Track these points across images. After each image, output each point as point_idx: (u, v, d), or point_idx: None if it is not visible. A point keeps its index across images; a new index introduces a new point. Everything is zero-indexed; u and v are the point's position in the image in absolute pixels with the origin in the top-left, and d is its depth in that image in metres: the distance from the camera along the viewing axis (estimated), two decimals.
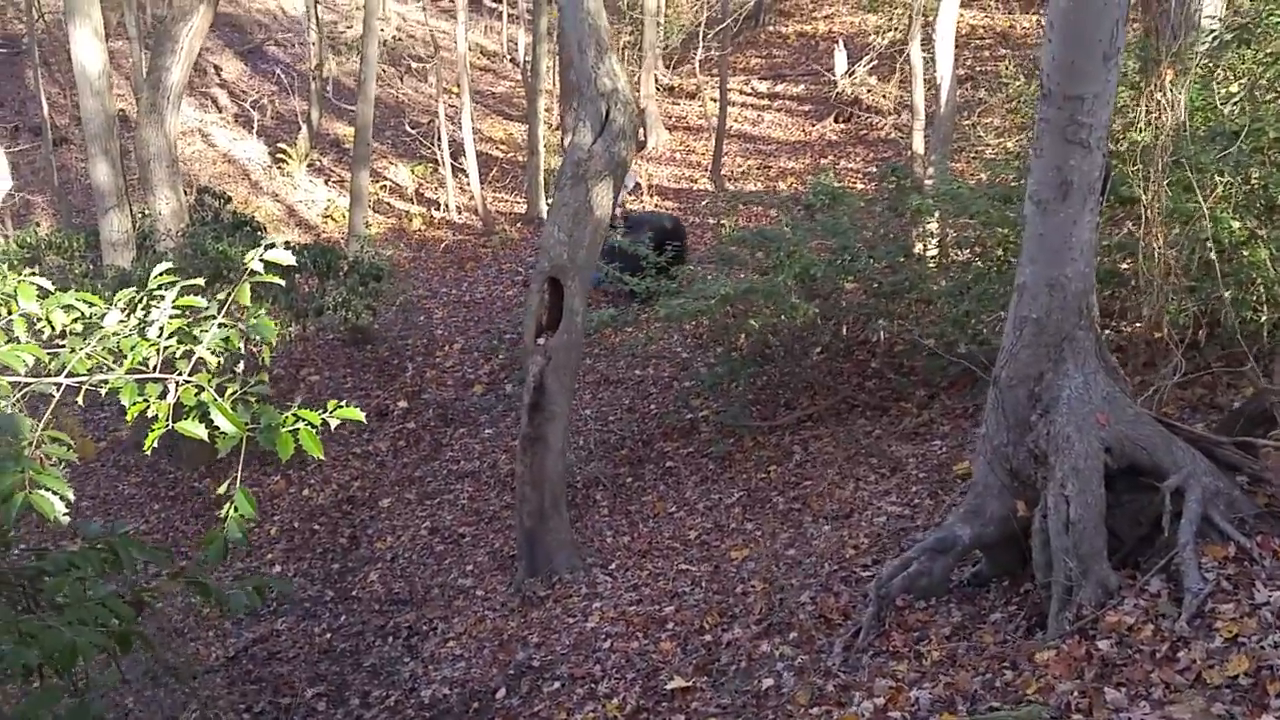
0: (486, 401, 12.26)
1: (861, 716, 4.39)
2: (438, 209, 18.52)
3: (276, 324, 11.68)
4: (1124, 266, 7.31)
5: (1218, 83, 7.09)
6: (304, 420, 2.81)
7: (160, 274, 3.02)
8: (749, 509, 8.35)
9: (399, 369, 13.27)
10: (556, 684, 6.35)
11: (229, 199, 12.47)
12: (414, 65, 23.07)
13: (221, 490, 2.83)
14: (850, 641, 5.24)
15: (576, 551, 8.31)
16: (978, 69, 16.94)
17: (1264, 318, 6.81)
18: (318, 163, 20.12)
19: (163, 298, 2.89)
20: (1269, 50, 7.00)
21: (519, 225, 17.34)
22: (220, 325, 2.87)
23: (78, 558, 3.22)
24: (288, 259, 2.87)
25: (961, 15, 16.55)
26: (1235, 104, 6.98)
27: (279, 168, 19.63)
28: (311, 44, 20.58)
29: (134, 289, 3.07)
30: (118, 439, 12.38)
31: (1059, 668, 4.24)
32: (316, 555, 10.23)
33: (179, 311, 2.92)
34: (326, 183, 19.63)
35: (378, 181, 18.80)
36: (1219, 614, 4.18)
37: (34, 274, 3.12)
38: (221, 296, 2.93)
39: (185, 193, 12.40)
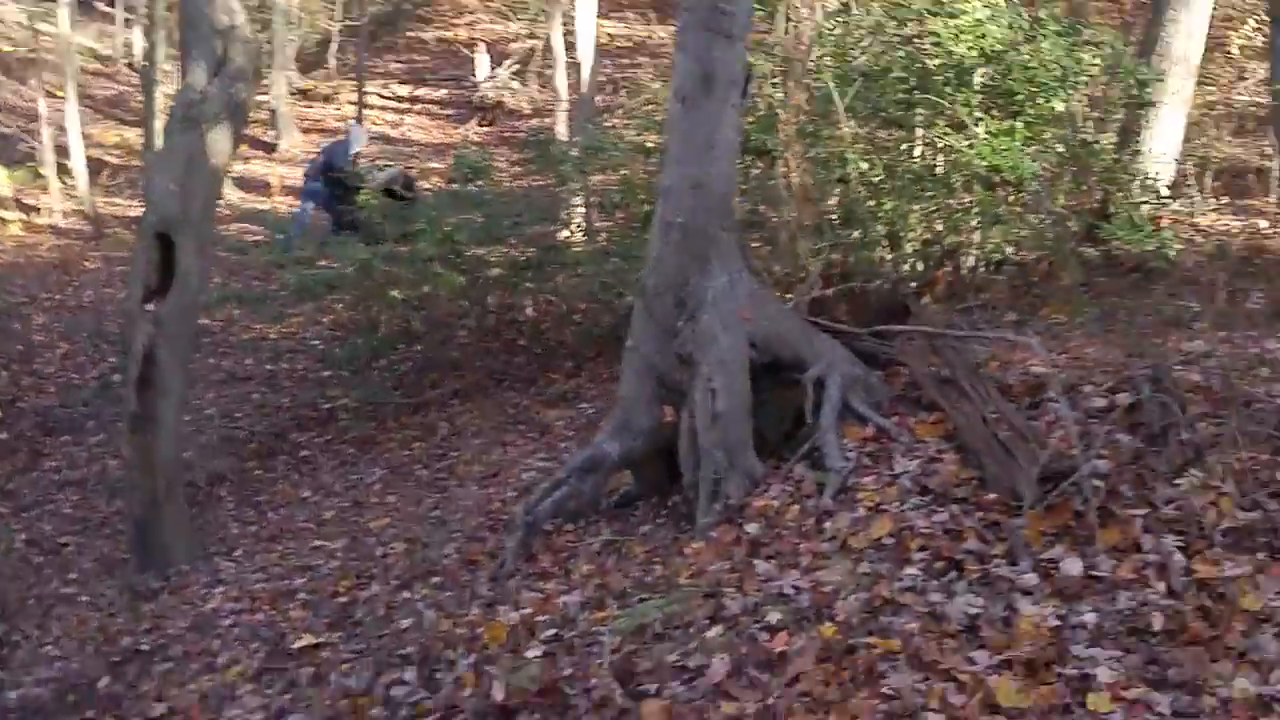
0: (95, 408, 10.96)
1: (507, 625, 4.00)
2: (40, 215, 16.72)
3: None
4: (763, 209, 7.40)
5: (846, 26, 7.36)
6: None
7: None
8: (391, 484, 7.83)
9: None
10: (169, 664, 5.56)
11: None
12: (13, 66, 20.88)
13: None
14: (496, 572, 4.85)
15: (197, 541, 7.46)
16: (618, 75, 17.24)
17: (890, 255, 7.11)
18: None
19: None
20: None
21: (134, 228, 15.90)
22: None
23: None
24: None
25: (600, 25, 16.80)
26: (862, 49, 7.26)
27: None
28: None
29: None
30: None
31: (709, 554, 4.05)
32: None
33: None
34: None
35: None
36: (861, 487, 4.13)
37: None
38: None
39: None
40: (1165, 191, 7.81)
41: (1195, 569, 3.30)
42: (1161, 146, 7.97)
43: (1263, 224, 8.00)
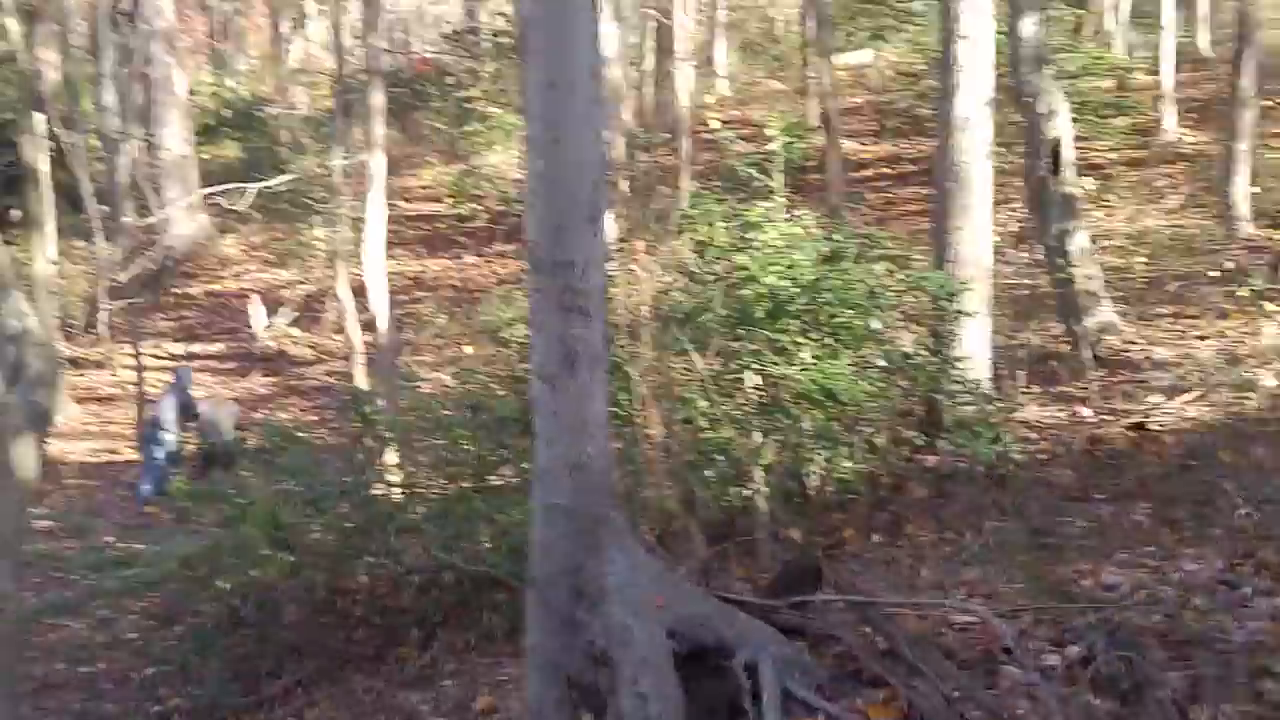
0: None
1: None
2: None
3: None
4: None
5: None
6: None
7: None
8: None
9: None
10: None
11: None
12: None
13: None
14: None
15: None
16: (397, 313, 17.10)
17: (743, 494, 7.03)
18: None
19: None
20: (696, 240, 7.52)
21: None
22: None
23: None
24: None
25: None
26: (679, 289, 7.35)
27: None
28: None
29: None
30: None
31: None
32: None
33: None
34: None
35: None
36: None
37: None
38: None
39: None
40: (990, 392, 8.12)
41: None
42: (973, 347, 8.33)
43: (1086, 412, 8.38)
